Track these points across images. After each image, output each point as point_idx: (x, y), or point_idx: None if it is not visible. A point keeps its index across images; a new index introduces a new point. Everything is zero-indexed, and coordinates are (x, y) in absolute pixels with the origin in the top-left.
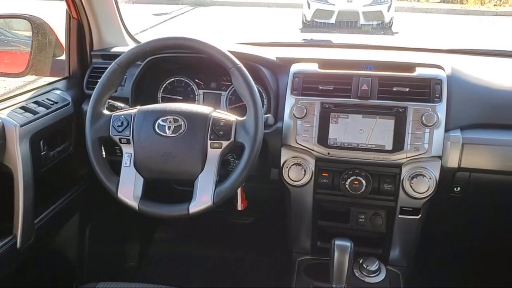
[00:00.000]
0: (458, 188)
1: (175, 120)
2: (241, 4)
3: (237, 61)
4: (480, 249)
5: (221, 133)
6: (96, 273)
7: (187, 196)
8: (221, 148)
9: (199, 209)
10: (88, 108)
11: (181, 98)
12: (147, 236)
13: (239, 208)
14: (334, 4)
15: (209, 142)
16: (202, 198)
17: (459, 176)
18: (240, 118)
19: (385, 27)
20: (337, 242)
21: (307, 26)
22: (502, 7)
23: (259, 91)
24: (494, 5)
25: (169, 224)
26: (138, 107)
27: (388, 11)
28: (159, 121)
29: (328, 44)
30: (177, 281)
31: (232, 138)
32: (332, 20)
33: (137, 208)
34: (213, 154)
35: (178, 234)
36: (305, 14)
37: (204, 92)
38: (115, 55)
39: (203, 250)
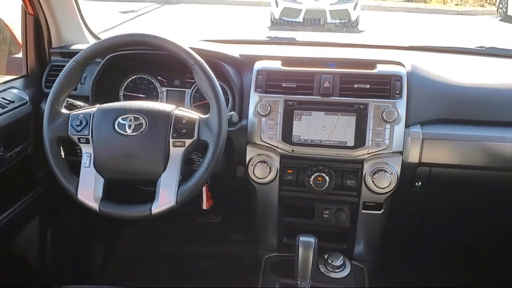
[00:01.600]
0: (419, 183)
1: (136, 119)
2: (209, 2)
3: (199, 58)
4: (443, 242)
5: (183, 131)
6: (59, 277)
7: (151, 196)
8: (184, 146)
9: (162, 209)
10: (46, 107)
11: (144, 96)
12: (113, 236)
13: (204, 208)
14: (301, 3)
15: (171, 140)
16: (165, 198)
17: (420, 171)
18: (203, 116)
19: (351, 25)
20: (301, 239)
21: (276, 24)
22: (463, 7)
23: (223, 88)
24: (456, 4)
25: (135, 224)
26: (98, 105)
27: (354, 9)
28: (119, 119)
29: (292, 42)
30: (144, 281)
31: (195, 136)
32: (300, 18)
33: (97, 209)
34: (176, 153)
35: (144, 234)
36: (273, 13)
37: (167, 90)
38: (75, 53)
39: (170, 250)
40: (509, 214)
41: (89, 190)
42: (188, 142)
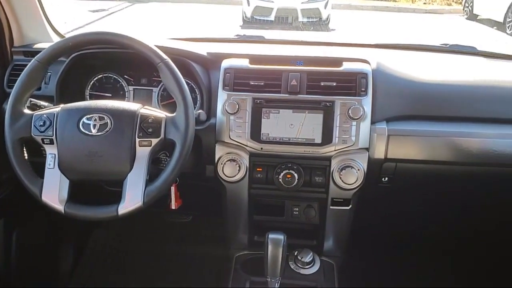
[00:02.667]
0: (386, 178)
1: (101, 118)
2: (182, 0)
3: (165, 56)
4: (410, 236)
5: (150, 130)
6: (27, 282)
7: (118, 197)
8: (150, 146)
9: (128, 210)
10: (7, 107)
11: (110, 95)
12: (82, 238)
13: (173, 207)
14: (273, 1)
15: (137, 140)
16: (132, 199)
17: (386, 167)
18: (170, 115)
19: (322, 24)
20: (271, 236)
21: (248, 22)
22: (431, 5)
23: (191, 87)
24: (424, 3)
25: (105, 225)
26: (62, 105)
27: (325, 8)
28: (84, 119)
29: (260, 40)
30: (114, 282)
31: (162, 135)
32: (272, 17)
33: (62, 211)
34: (142, 152)
35: (114, 235)
36: (245, 11)
37: (134, 89)
38: (38, 52)
39: (140, 250)
40: (474, 207)
41: (53, 191)
42: (154, 141)
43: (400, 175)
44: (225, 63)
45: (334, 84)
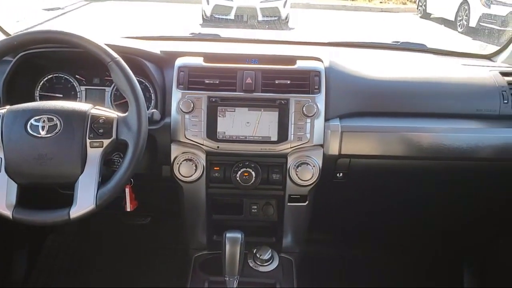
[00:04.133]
0: (341, 174)
1: (50, 119)
2: None
3: (115, 55)
4: (367, 230)
5: (101, 131)
6: None
7: (71, 200)
8: (102, 147)
9: (81, 213)
10: None
11: (61, 96)
12: (36, 244)
13: (128, 209)
14: (232, 0)
15: (88, 141)
16: (84, 202)
17: (340, 163)
18: (121, 114)
19: (282, 23)
20: (228, 235)
21: (207, 21)
22: (387, 4)
23: (145, 86)
24: (380, 2)
25: (60, 230)
26: (8, 106)
27: (284, 7)
28: (32, 121)
29: (215, 39)
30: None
31: (114, 136)
32: (231, 16)
33: (10, 217)
34: (94, 153)
35: (70, 239)
36: (204, 10)
37: (86, 89)
38: None
39: (98, 254)
40: (428, 200)
41: (0, 196)
42: (106, 142)
43: (354, 170)
44: (179, 61)
45: (289, 82)
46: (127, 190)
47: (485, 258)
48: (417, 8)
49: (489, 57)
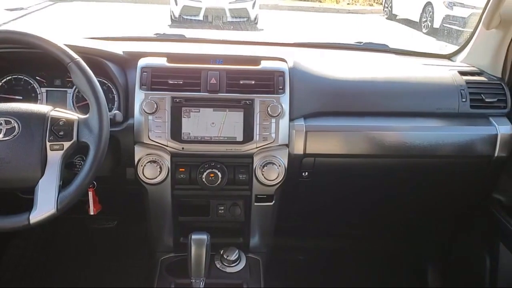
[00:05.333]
0: (306, 173)
1: (7, 122)
2: None
3: (75, 56)
4: (334, 228)
5: (61, 133)
6: None
7: (31, 204)
8: (62, 149)
9: (41, 218)
10: None
11: (21, 98)
12: None
13: (92, 213)
14: (201, 1)
15: (48, 144)
16: (44, 206)
17: (306, 162)
18: (82, 116)
19: (251, 24)
20: (194, 237)
21: (176, 22)
22: (354, 6)
23: (108, 87)
24: (348, 3)
25: (23, 235)
26: None
27: (253, 8)
28: None
29: (180, 39)
30: None
31: (75, 138)
32: (200, 16)
33: None
34: (54, 156)
35: (33, 245)
36: (173, 11)
37: (47, 90)
38: None
39: (63, 260)
40: (392, 197)
41: None
42: (66, 144)
43: (319, 169)
44: (142, 62)
45: (253, 82)
46: (90, 193)
47: (446, 254)
48: (383, 10)
49: (449, 57)
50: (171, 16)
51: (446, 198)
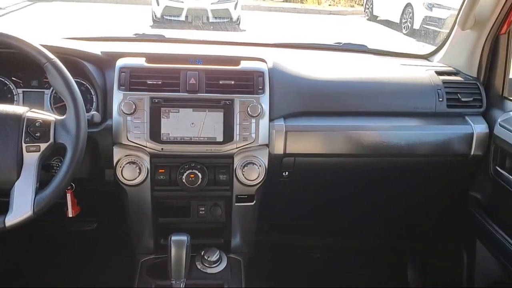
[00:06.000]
0: (286, 173)
1: None
2: (89, 0)
3: (51, 56)
4: (315, 228)
5: (37, 134)
6: None
7: (7, 207)
8: (39, 151)
9: (17, 221)
10: None
11: None
12: None
13: (70, 215)
14: (182, 2)
15: (24, 145)
16: (20, 209)
17: (286, 162)
18: (59, 117)
19: (233, 25)
20: (173, 238)
21: (158, 22)
22: (335, 7)
23: (86, 87)
24: (329, 5)
25: (2, 239)
26: None
27: (235, 9)
28: None
29: (160, 39)
30: None
31: (52, 140)
32: (182, 17)
33: None
34: (30, 158)
35: (11, 248)
36: (154, 11)
37: (23, 91)
38: None
39: (43, 263)
40: (369, 196)
41: None
42: (43, 146)
43: (299, 169)
44: (120, 62)
45: (233, 82)
46: (68, 195)
47: (425, 251)
48: (364, 11)
49: (426, 57)
50: (152, 16)
51: (425, 196)
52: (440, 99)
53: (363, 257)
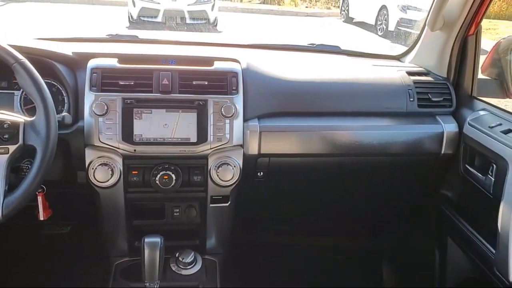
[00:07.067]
0: (261, 173)
1: None
2: (62, 0)
3: (20, 56)
4: (291, 227)
5: (6, 136)
6: None
7: None
8: (7, 153)
9: None
10: None
11: None
12: None
13: (41, 218)
14: (159, 3)
15: None
16: None
17: (260, 162)
18: (28, 119)
19: (210, 26)
20: (147, 240)
21: (134, 23)
22: (312, 9)
23: (57, 88)
24: (306, 7)
25: None
26: None
27: (212, 10)
28: None
29: (133, 40)
30: None
31: (21, 141)
32: (159, 18)
33: None
34: None
35: None
36: (131, 12)
37: None
38: None
39: (14, 268)
40: (343, 195)
41: None
42: (12, 148)
43: (273, 169)
44: (92, 63)
45: (206, 83)
46: (39, 198)
47: (399, 250)
48: (340, 13)
49: (398, 57)
50: (129, 18)
51: (397, 195)
52: (411, 99)
53: (338, 259)
